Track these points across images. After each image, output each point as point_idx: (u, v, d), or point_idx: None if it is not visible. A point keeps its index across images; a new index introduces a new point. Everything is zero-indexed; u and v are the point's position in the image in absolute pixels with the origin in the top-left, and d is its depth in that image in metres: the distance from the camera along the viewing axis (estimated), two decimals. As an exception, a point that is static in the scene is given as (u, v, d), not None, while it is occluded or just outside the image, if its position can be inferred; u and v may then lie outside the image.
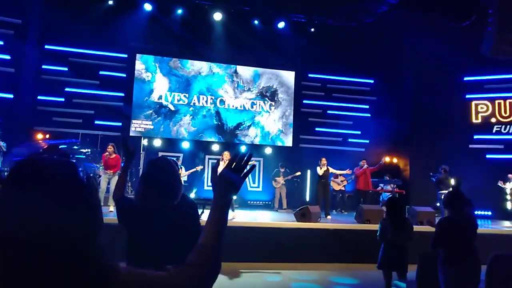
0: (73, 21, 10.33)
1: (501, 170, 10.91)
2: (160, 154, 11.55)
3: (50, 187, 0.78)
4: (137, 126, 11.66)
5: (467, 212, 3.73)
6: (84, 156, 9.38)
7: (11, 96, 10.06)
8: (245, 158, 1.13)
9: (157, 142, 11.67)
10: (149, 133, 11.69)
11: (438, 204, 9.32)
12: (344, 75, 12.89)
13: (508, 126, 11.72)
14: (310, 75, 13.01)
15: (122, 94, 11.58)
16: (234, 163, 1.12)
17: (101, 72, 11.34)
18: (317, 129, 12.71)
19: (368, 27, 11.99)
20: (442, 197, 9.16)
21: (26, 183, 0.78)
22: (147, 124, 11.74)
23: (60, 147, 8.80)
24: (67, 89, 11.02)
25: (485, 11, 9.76)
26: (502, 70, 11.44)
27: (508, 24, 9.32)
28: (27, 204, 0.75)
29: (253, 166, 1.18)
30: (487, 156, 11.62)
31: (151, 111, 11.80)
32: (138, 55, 11.87)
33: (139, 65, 11.88)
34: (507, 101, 11.83)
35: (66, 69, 11.00)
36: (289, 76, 12.96)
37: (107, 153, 8.61)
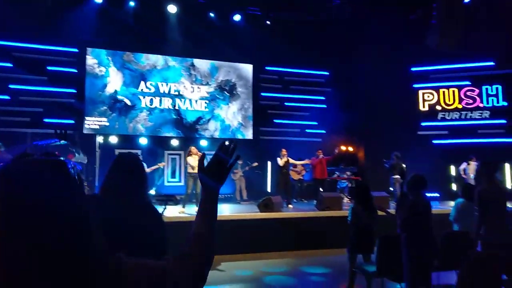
0: (17, 14, 9.66)
1: (446, 154, 11.73)
2: (117, 151, 11.21)
3: (46, 186, 0.77)
4: (91, 123, 11.20)
5: (425, 196, 4.02)
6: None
7: None
8: (230, 150, 1.16)
9: (113, 139, 11.28)
10: (104, 130, 11.27)
11: (391, 189, 9.86)
12: (300, 67, 13.17)
13: (452, 113, 12.60)
14: (267, 68, 13.15)
15: (74, 90, 11.05)
16: (211, 166, 1.14)
17: (49, 68, 10.73)
18: (275, 121, 12.91)
19: (322, 20, 12.31)
20: (396, 182, 9.72)
21: (14, 190, 0.75)
22: (101, 121, 11.31)
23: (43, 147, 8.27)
24: (11, 86, 10.33)
25: (431, 5, 10.37)
26: (446, 61, 12.22)
27: (451, 18, 9.97)
28: (17, 207, 0.73)
29: (238, 157, 1.21)
30: (433, 141, 12.42)
31: (105, 107, 11.37)
32: (89, 49, 11.36)
33: (90, 60, 11.38)
34: (450, 90, 12.69)
35: (10, 65, 10.30)
36: (247, 69, 13.01)
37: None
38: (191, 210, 8.18)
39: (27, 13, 9.82)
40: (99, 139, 10.93)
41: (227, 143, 1.17)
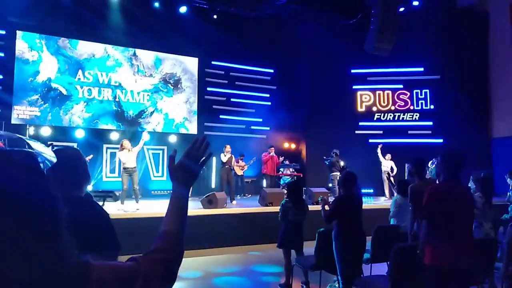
0: None
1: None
2: (50, 143, 10.48)
3: (14, 176, 0.73)
4: (20, 113, 10.35)
5: (356, 191, 4.30)
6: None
7: None
8: (202, 145, 1.16)
9: (46, 131, 10.52)
10: (34, 121, 10.47)
11: (330, 185, 10.31)
12: (246, 63, 13.26)
13: (386, 114, 13.47)
14: (213, 63, 13.05)
15: (0, 76, 10.12)
16: (191, 151, 1.15)
17: (-29, 50, 9.74)
18: (221, 116, 12.88)
19: (269, 18, 12.45)
20: (335, 178, 10.18)
21: None
22: (32, 111, 10.49)
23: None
24: None
25: (369, 11, 10.94)
26: (382, 65, 13.00)
27: (387, 24, 10.60)
28: None
29: (210, 154, 1.20)
30: (370, 140, 13.18)
31: (37, 96, 10.55)
32: (19, 32, 10.46)
33: (20, 44, 10.48)
34: (385, 92, 13.54)
35: None
36: (192, 63, 12.81)
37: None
38: (131, 207, 7.90)
39: None
40: (30, 130, 10.15)
41: (198, 142, 1.16)
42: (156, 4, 11.60)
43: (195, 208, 8.11)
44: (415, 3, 12.38)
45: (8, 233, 0.69)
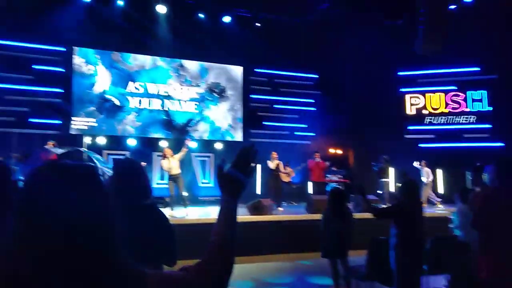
0: (1, 11, 9.45)
1: (432, 158, 11.90)
2: (105, 152, 11.07)
3: (79, 188, 0.77)
4: (78, 123, 11.02)
5: (418, 200, 4.07)
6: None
7: None
8: (250, 154, 1.15)
9: (101, 140, 11.11)
10: (91, 130, 11.10)
11: (380, 192, 9.96)
12: (289, 70, 13.24)
13: (438, 118, 12.82)
14: (256, 70, 13.16)
15: (61, 90, 10.85)
16: (239, 161, 1.13)
17: (35, 66, 10.52)
18: (265, 123, 12.92)
19: (310, 23, 12.38)
20: (384, 185, 9.83)
21: (46, 188, 0.76)
22: (88, 121, 11.13)
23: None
24: (-4, 85, 10.10)
25: (417, 11, 10.52)
26: (433, 66, 12.42)
27: (437, 23, 10.13)
28: (53, 205, 0.74)
29: (255, 165, 1.18)
30: (420, 145, 12.60)
31: (93, 108, 11.19)
32: (76, 48, 11.18)
33: (77, 59, 11.20)
34: (437, 94, 12.91)
35: (-5, 62, 10.06)
36: (237, 71, 13.00)
37: (47, 150, 8.11)
38: (180, 213, 8.12)
39: (13, 11, 9.61)
40: (87, 139, 10.77)
41: (245, 151, 1.15)
42: (201, 15, 11.94)
43: (240, 214, 8.14)
44: (467, -1, 11.73)
45: (66, 245, 0.72)
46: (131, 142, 11.41)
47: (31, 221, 0.73)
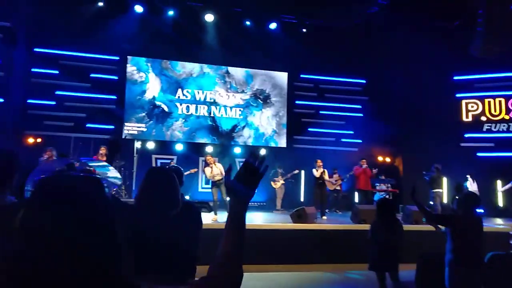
0: (63, 24, 10.20)
1: (492, 168, 11.08)
2: (154, 156, 11.49)
3: (76, 205, 0.76)
4: (130, 129, 11.55)
5: (476, 214, 3.76)
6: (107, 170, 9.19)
7: (1, 100, 9.89)
8: (256, 163, 1.09)
9: (150, 145, 11.57)
10: (142, 135, 11.58)
11: (431, 203, 9.42)
12: (336, 75, 12.97)
13: (498, 124, 11.91)
14: (302, 76, 13.05)
15: (114, 97, 11.46)
16: (243, 172, 1.08)
17: (92, 75, 11.20)
18: (310, 129, 12.74)
19: (358, 28, 12.08)
20: (436, 196, 9.30)
21: (51, 202, 0.76)
22: (139, 127, 11.63)
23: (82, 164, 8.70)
24: (57, 92, 10.85)
25: (475, 12, 9.90)
26: (492, 70, 11.61)
27: (496, 24, 9.46)
28: (51, 223, 0.73)
29: (266, 167, 1.11)
30: (478, 154, 11.77)
31: (144, 114, 11.69)
32: (129, 57, 11.76)
33: (130, 67, 11.77)
34: (497, 100, 12.02)
35: (56, 72, 10.84)
36: (281, 77, 12.98)
37: (99, 155, 8.55)
38: (223, 218, 8.20)
39: (73, 23, 10.31)
40: (137, 144, 11.25)
41: (255, 153, 1.13)
42: (248, 23, 12.09)
43: (284, 221, 8.07)
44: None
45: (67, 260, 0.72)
46: (179, 147, 11.76)
47: (32, 235, 0.73)
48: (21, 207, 0.77)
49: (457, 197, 4.28)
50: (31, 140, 10.26)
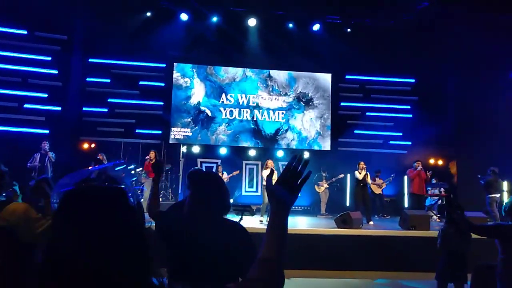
0: (114, 34, 10.74)
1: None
2: (199, 160, 11.75)
3: (101, 217, 0.78)
4: (176, 133, 11.90)
5: None
6: (133, 178, 9.62)
7: (59, 108, 10.62)
8: (299, 167, 1.06)
9: (195, 149, 11.84)
10: (187, 140, 11.89)
11: (488, 209, 8.78)
12: (383, 75, 12.51)
13: None
14: (347, 77, 12.73)
15: (161, 103, 11.88)
16: (286, 175, 1.06)
17: (141, 82, 11.70)
18: (356, 131, 12.38)
19: (406, 25, 11.57)
20: (492, 201, 8.65)
21: (76, 215, 0.78)
22: (185, 132, 11.95)
23: (106, 171, 9.17)
24: (110, 100, 11.45)
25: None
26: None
27: None
28: (78, 236, 0.75)
29: (309, 173, 1.09)
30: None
31: (189, 120, 11.99)
32: (175, 64, 12.14)
33: (176, 73, 12.14)
34: None
35: (108, 80, 11.45)
36: (325, 79, 12.75)
37: (148, 159, 8.92)
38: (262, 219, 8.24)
39: (122, 33, 10.84)
40: (183, 148, 11.58)
41: (299, 156, 1.08)
42: (290, 25, 12.03)
43: (328, 226, 7.90)
44: None
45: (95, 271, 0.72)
46: (223, 151, 11.93)
47: (60, 248, 0.75)
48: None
49: (503, 201, 3.94)
50: (85, 146, 10.90)
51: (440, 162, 12.10)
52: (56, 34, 10.66)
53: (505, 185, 8.99)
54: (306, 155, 12.12)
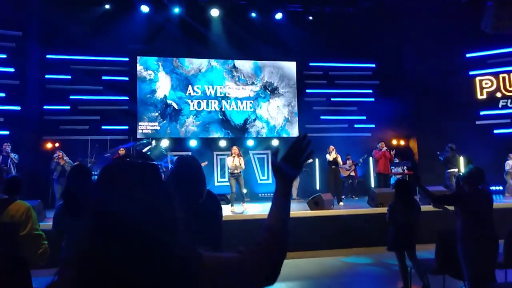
0: (72, 28, 10.35)
1: (509, 145, 10.90)
2: (169, 154, 11.63)
3: (138, 188, 0.86)
4: (144, 128, 11.72)
5: (485, 189, 3.77)
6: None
7: (18, 108, 10.16)
8: (303, 145, 1.17)
9: (165, 143, 11.71)
10: (156, 134, 11.74)
11: (448, 183, 9.34)
12: (345, 61, 12.87)
13: (514, 100, 11.68)
14: (311, 64, 12.99)
15: (127, 98, 11.62)
16: (290, 153, 1.16)
17: (103, 77, 11.38)
18: (322, 117, 12.71)
19: (365, 11, 11.95)
20: (451, 176, 9.21)
21: (113, 186, 0.86)
22: (153, 126, 11.80)
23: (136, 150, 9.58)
24: (71, 97, 11.08)
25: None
26: (505, 44, 11.36)
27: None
28: (122, 199, 0.83)
29: (311, 152, 1.19)
30: (495, 131, 11.59)
31: (157, 114, 11.83)
32: (138, 58, 11.90)
33: (139, 67, 11.92)
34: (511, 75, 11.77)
35: (69, 77, 11.06)
36: (290, 67, 12.95)
37: (117, 156, 8.76)
38: (239, 209, 8.34)
39: (81, 27, 10.46)
40: (152, 142, 11.41)
41: (299, 142, 1.18)
42: (253, 14, 12.08)
43: (301, 209, 8.14)
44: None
45: (137, 229, 0.81)
46: (193, 143, 11.89)
47: (100, 217, 0.82)
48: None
49: (461, 174, 4.29)
50: (49, 145, 10.52)
51: (402, 142, 12.69)
52: (10, 30, 10.15)
53: (462, 160, 9.56)
54: (276, 143, 12.33)
